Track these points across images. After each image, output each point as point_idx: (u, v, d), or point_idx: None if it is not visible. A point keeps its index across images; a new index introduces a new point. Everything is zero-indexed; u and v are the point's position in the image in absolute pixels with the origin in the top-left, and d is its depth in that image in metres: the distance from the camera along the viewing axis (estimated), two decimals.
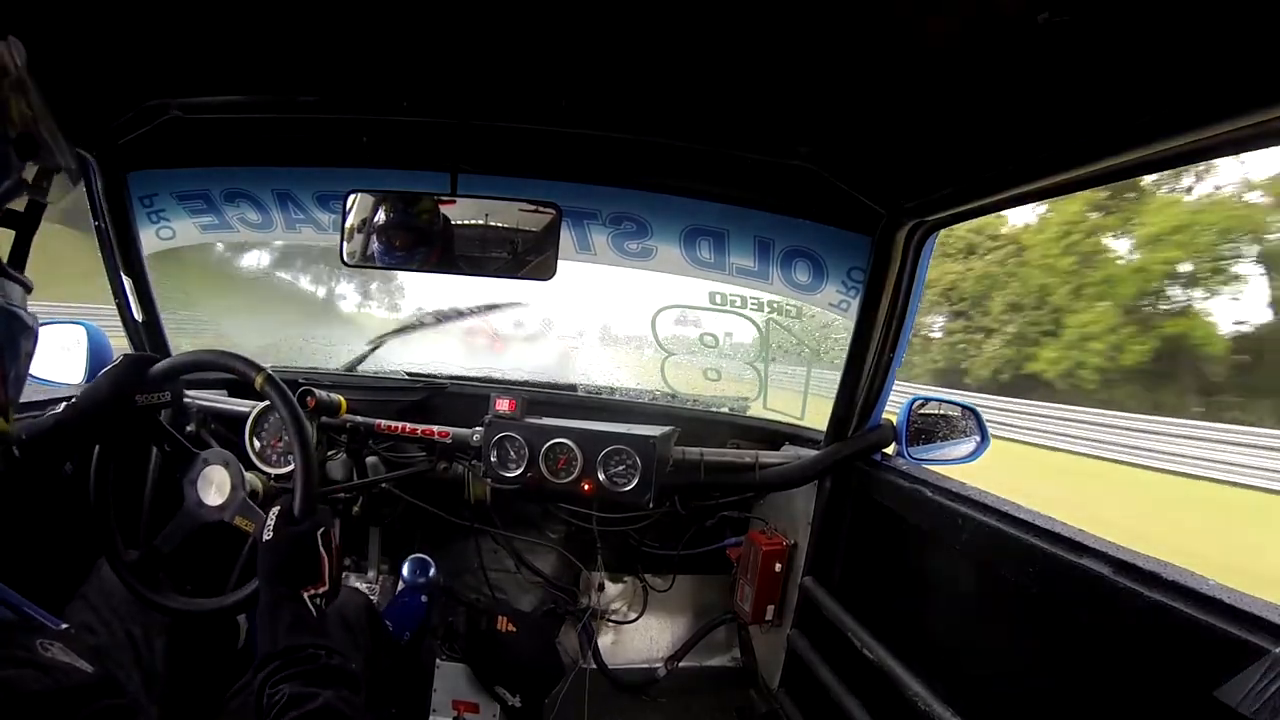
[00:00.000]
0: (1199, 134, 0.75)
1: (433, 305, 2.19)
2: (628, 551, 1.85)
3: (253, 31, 1.04)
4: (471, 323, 2.26)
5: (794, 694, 1.67)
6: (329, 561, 0.97)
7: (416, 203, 1.47)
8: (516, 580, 1.87)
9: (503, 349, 2.47)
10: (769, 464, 1.63)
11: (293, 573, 0.94)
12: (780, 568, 1.68)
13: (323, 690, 0.78)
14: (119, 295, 1.63)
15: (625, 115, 1.34)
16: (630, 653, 1.97)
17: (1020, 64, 0.85)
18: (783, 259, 1.77)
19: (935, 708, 1.08)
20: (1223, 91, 0.69)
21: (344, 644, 1.13)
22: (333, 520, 1.04)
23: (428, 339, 2.16)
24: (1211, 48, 0.68)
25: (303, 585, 0.92)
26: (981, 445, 1.53)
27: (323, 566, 0.96)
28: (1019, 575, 0.99)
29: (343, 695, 0.79)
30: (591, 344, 2.27)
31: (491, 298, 2.17)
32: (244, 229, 1.86)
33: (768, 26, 0.88)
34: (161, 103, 1.31)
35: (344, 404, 1.55)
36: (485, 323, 2.28)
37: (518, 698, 1.63)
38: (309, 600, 0.91)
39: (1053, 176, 1.00)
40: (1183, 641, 0.73)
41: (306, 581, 0.93)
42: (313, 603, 0.92)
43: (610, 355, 2.18)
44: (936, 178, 1.23)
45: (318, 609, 0.92)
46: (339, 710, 0.76)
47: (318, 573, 0.95)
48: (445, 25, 0.99)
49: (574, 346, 2.41)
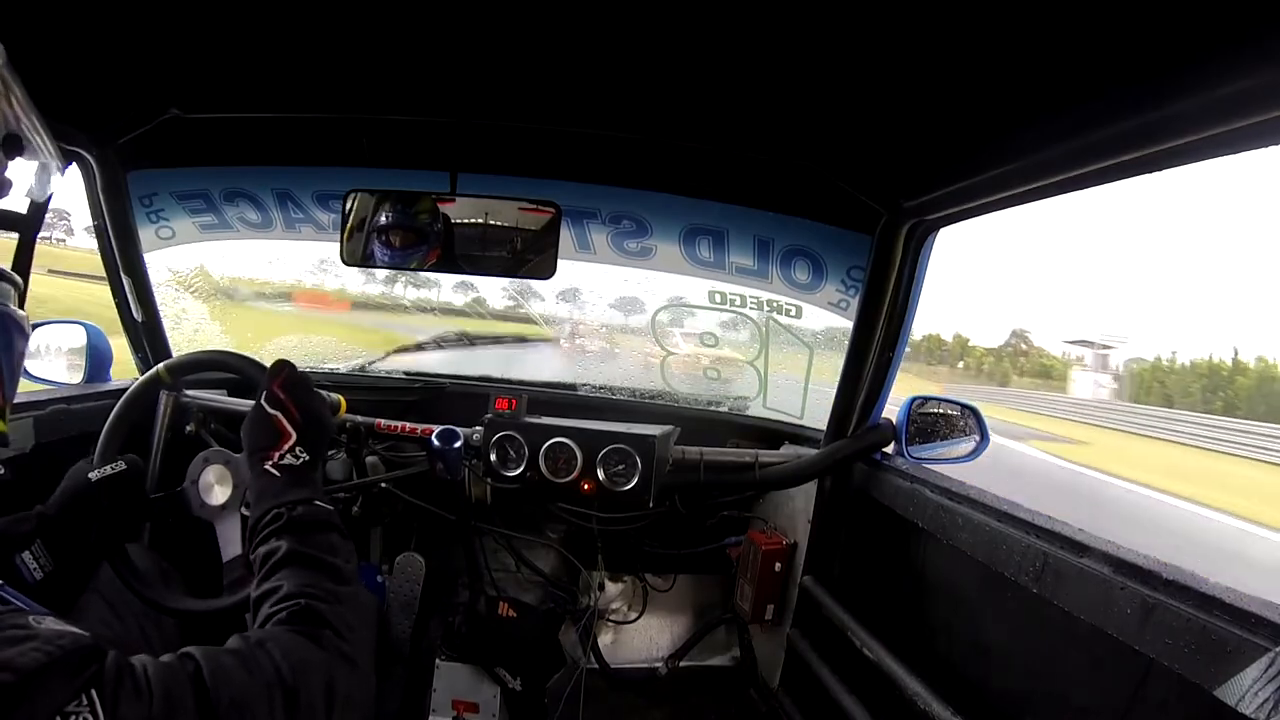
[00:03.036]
0: (1199, 133, 0.75)
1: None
2: (628, 551, 1.85)
3: (252, 31, 1.04)
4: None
5: (794, 693, 1.67)
6: (285, 414, 0.96)
7: (416, 202, 1.47)
8: (517, 579, 1.87)
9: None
10: (769, 463, 1.63)
11: (252, 449, 0.94)
12: (780, 567, 1.68)
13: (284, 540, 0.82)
14: (118, 295, 1.63)
15: (625, 114, 1.34)
16: (630, 652, 1.97)
17: (1020, 63, 0.85)
18: (782, 258, 1.77)
19: (935, 707, 1.08)
20: (1223, 91, 0.69)
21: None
22: (280, 371, 1.01)
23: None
24: (1212, 47, 0.68)
25: (264, 456, 0.92)
26: (981, 444, 1.53)
27: (278, 424, 0.95)
28: (1019, 575, 0.99)
29: (309, 545, 0.82)
30: (591, 344, 2.26)
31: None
32: (244, 229, 1.86)
33: (767, 25, 0.88)
34: (161, 102, 1.31)
35: (344, 404, 1.55)
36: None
37: (518, 680, 1.64)
38: (273, 467, 0.91)
39: (1053, 176, 1.00)
40: (1182, 641, 0.73)
41: (267, 448, 0.93)
42: (284, 463, 0.92)
43: (610, 355, 2.18)
44: (936, 177, 1.23)
45: (290, 465, 0.92)
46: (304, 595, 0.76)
47: (275, 435, 0.94)
48: (445, 25, 0.99)
49: (575, 346, 2.41)
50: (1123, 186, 0.92)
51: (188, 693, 0.57)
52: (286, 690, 0.64)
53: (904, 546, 1.37)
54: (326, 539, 0.85)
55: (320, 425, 0.99)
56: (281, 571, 0.79)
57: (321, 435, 0.99)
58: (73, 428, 1.40)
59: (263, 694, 0.62)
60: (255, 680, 0.62)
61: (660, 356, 2.02)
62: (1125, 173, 0.88)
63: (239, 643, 0.66)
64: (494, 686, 1.69)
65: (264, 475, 0.91)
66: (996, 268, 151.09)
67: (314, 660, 0.68)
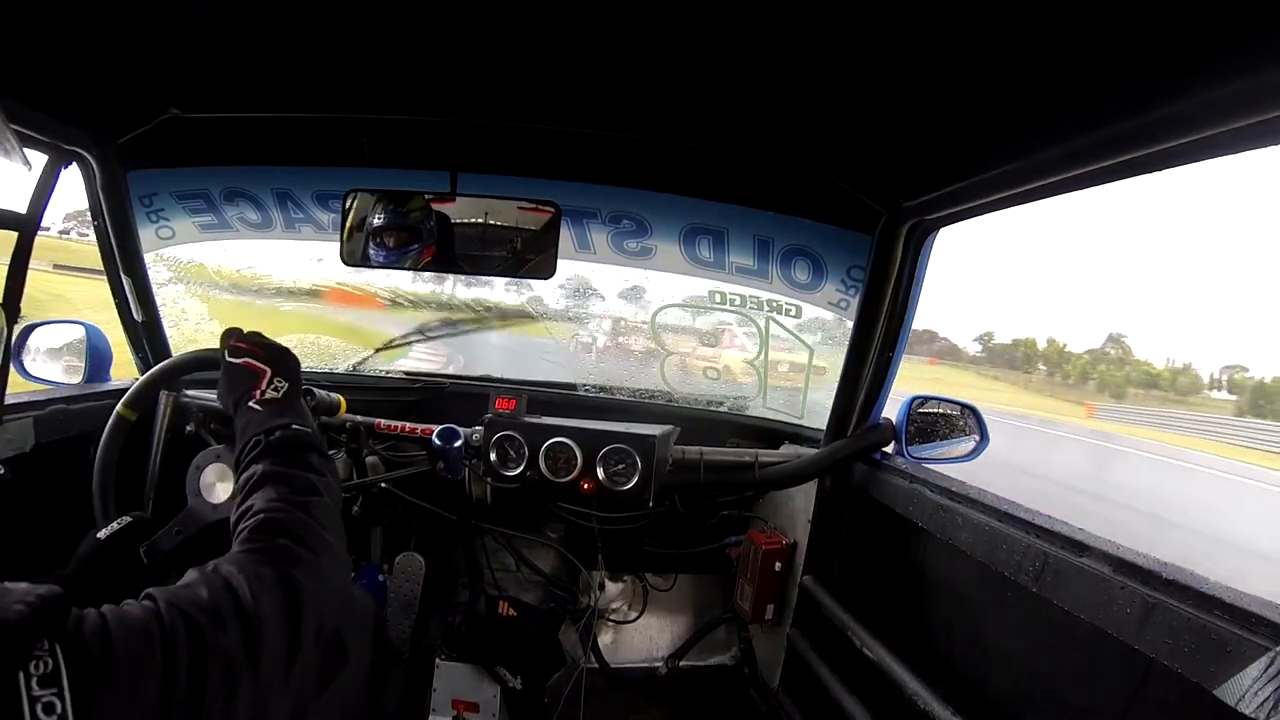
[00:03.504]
0: (1200, 132, 0.75)
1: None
2: (628, 550, 1.85)
3: (252, 31, 1.04)
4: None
5: (793, 693, 1.67)
6: (252, 356, 1.00)
7: (416, 202, 1.47)
8: (517, 579, 1.88)
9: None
10: (768, 463, 1.63)
11: (237, 399, 0.97)
12: (780, 567, 1.68)
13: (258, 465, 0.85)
14: (118, 295, 1.63)
15: (625, 114, 1.34)
16: (630, 652, 1.97)
17: (1021, 64, 0.85)
18: (782, 258, 1.77)
19: (935, 707, 1.08)
20: (1223, 91, 0.69)
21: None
22: (231, 332, 1.06)
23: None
24: (1212, 47, 0.68)
25: (247, 396, 0.96)
26: (981, 444, 1.53)
27: (249, 366, 0.99)
28: (1019, 575, 1.00)
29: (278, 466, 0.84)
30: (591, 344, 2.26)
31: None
32: (243, 229, 1.86)
33: (767, 25, 0.87)
34: (161, 102, 1.31)
35: (343, 404, 1.55)
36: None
37: (518, 679, 1.65)
38: (257, 404, 0.95)
39: (1053, 176, 1.00)
40: (1182, 641, 0.73)
41: (248, 389, 0.97)
42: (267, 397, 0.96)
43: (609, 354, 2.18)
44: (936, 177, 1.23)
45: (273, 399, 0.96)
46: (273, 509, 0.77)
47: (251, 376, 0.98)
48: (445, 25, 0.99)
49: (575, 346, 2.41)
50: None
51: (152, 626, 0.56)
52: (239, 604, 0.63)
53: (904, 546, 1.37)
54: (303, 458, 0.88)
55: (287, 355, 1.04)
56: (256, 493, 0.81)
57: (292, 363, 1.03)
58: (73, 428, 1.40)
59: (218, 612, 0.61)
60: (209, 600, 0.62)
61: (660, 356, 2.02)
62: (1125, 173, 0.89)
63: (195, 574, 0.66)
64: (494, 686, 1.69)
65: (248, 411, 0.94)
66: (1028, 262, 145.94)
67: (266, 574, 0.67)
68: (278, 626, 0.64)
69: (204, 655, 0.57)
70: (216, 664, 0.57)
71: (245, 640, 0.61)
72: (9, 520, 1.24)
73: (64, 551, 1.23)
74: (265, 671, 0.61)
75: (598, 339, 2.15)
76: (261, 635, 0.62)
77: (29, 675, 0.45)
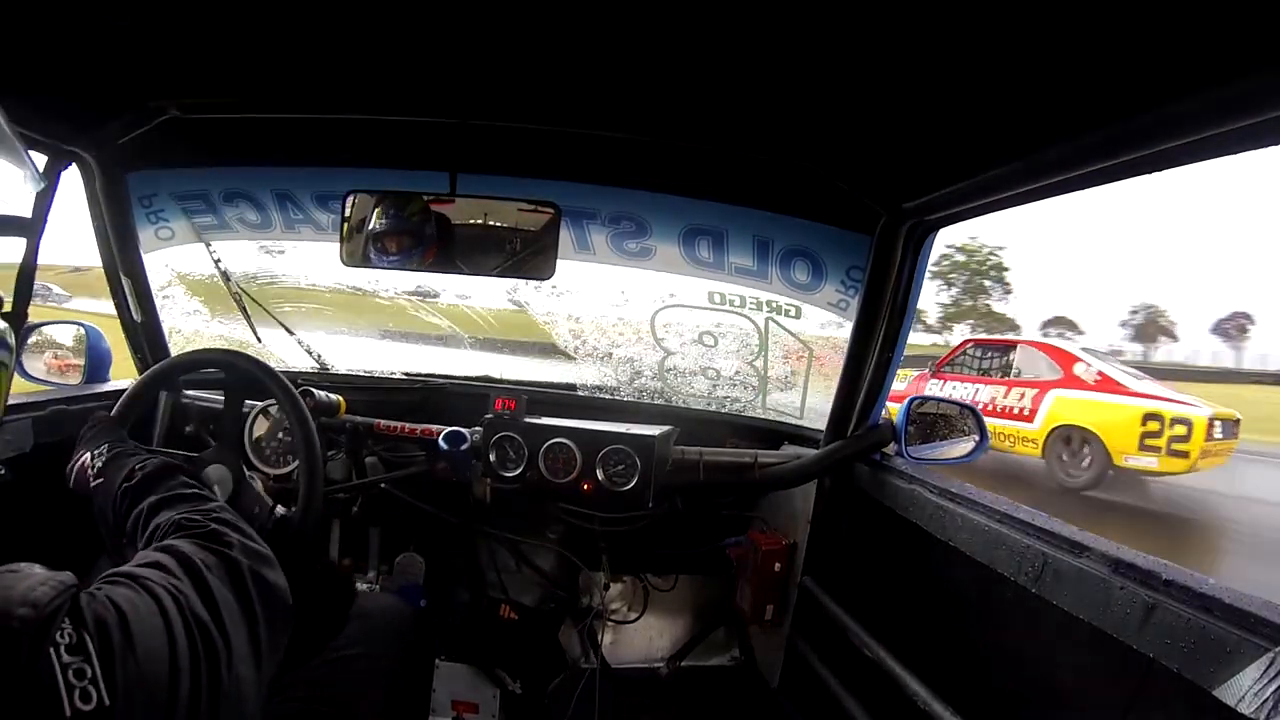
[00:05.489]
0: (1199, 133, 0.75)
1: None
2: (628, 551, 1.85)
3: (252, 31, 1.03)
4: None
5: (794, 694, 1.67)
6: (74, 459, 1.07)
7: (415, 203, 1.47)
8: (517, 580, 1.88)
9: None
10: (768, 463, 1.63)
11: (93, 501, 1.00)
12: (780, 567, 1.68)
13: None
14: (117, 296, 1.63)
15: (625, 114, 1.34)
16: (631, 652, 1.97)
17: (1020, 64, 0.85)
18: (782, 258, 1.76)
19: (935, 707, 1.08)
20: (1223, 91, 0.69)
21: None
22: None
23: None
24: (1212, 47, 0.68)
25: (86, 490, 1.02)
26: (981, 444, 1.53)
27: (73, 467, 1.07)
28: (1019, 575, 0.99)
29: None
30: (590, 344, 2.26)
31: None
32: (243, 229, 1.86)
33: (767, 25, 0.87)
34: (161, 103, 1.31)
35: (343, 404, 1.55)
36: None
37: (518, 683, 1.64)
38: (95, 485, 0.99)
39: (1053, 176, 1.00)
40: (1182, 641, 0.73)
41: (83, 487, 1.03)
42: (98, 471, 1.00)
43: (609, 355, 2.18)
44: (936, 178, 1.23)
45: (102, 467, 1.00)
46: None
47: (79, 474, 1.05)
48: (445, 25, 0.99)
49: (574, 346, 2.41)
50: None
51: (145, 593, 0.59)
52: (202, 564, 0.65)
53: (904, 547, 1.36)
54: (170, 480, 0.89)
55: (87, 415, 1.12)
56: (156, 517, 0.81)
57: (93, 417, 1.10)
58: (72, 428, 1.40)
59: (191, 565, 0.64)
60: (178, 564, 0.64)
61: (660, 357, 2.02)
62: (1125, 173, 0.89)
63: (150, 553, 0.67)
64: (494, 687, 1.69)
65: (96, 495, 0.99)
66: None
67: (228, 557, 0.69)
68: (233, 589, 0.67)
69: (196, 606, 0.61)
70: (212, 611, 0.62)
71: (233, 586, 0.66)
72: (9, 520, 1.24)
73: (64, 551, 1.23)
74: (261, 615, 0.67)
75: (598, 340, 2.15)
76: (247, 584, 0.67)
77: (57, 645, 0.49)
